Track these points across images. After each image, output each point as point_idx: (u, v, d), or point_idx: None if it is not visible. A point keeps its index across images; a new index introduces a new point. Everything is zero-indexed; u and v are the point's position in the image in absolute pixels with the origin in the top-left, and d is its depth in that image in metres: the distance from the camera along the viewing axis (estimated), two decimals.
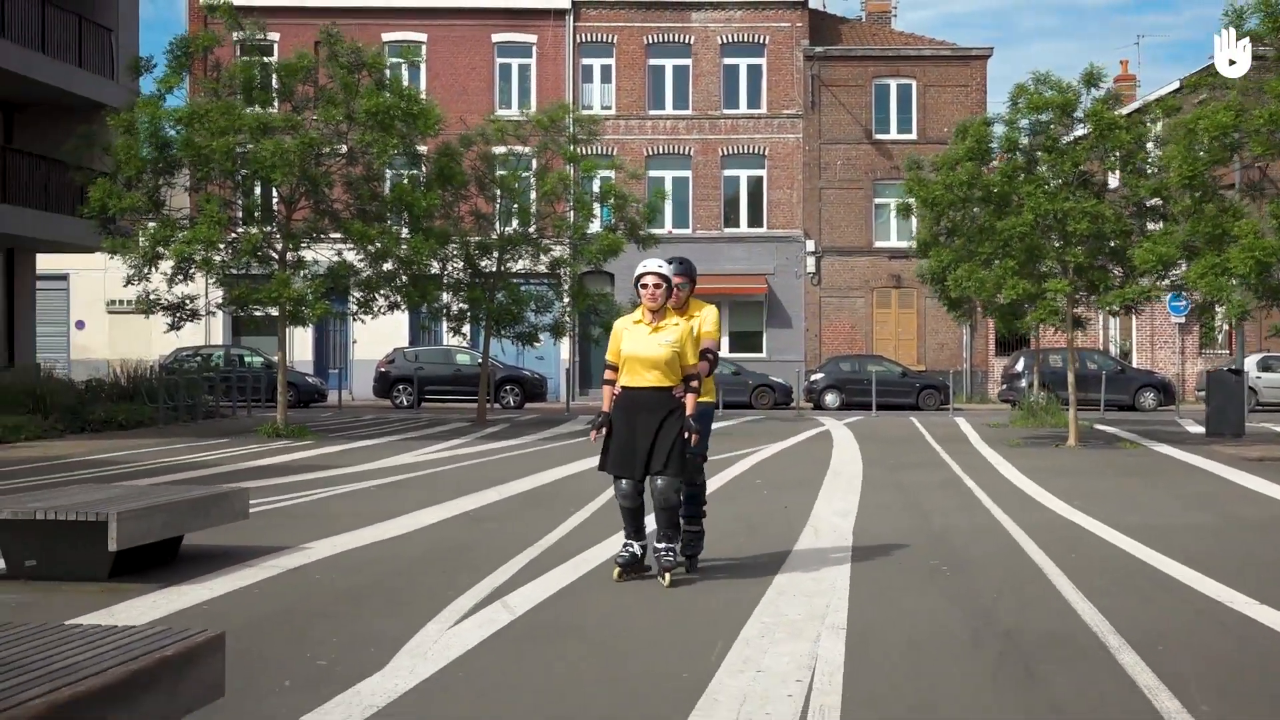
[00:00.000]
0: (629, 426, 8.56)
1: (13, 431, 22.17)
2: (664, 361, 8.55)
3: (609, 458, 8.66)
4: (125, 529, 8.28)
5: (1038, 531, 11.47)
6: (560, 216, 31.95)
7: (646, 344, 8.60)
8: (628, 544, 8.77)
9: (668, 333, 8.63)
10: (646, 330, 8.66)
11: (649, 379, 8.58)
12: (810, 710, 5.61)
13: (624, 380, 8.68)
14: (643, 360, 8.57)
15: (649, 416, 8.52)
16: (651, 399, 8.57)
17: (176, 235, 23.48)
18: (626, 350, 8.64)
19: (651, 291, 8.67)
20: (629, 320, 8.83)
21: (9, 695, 3.81)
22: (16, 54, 27.75)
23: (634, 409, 8.57)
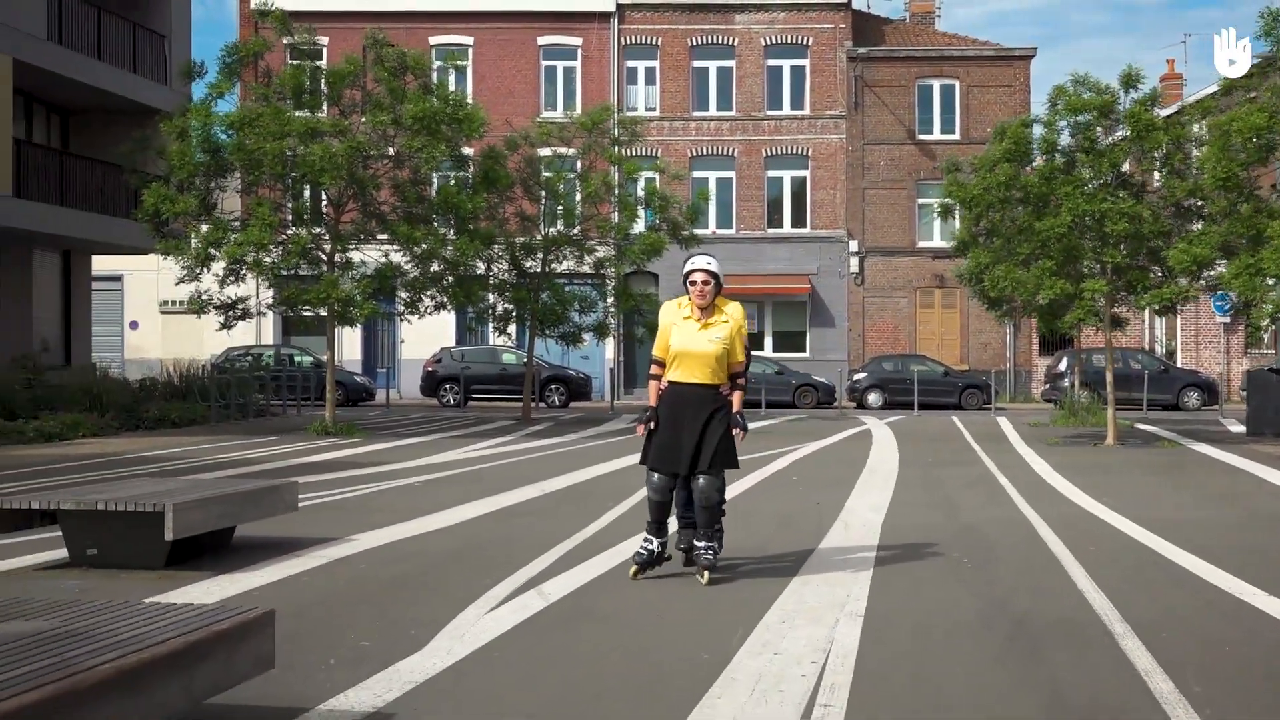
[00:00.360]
0: (674, 422, 8.57)
1: (71, 429, 22.79)
2: (715, 358, 8.58)
3: (651, 452, 8.67)
4: (181, 519, 8.73)
5: (1061, 526, 11.76)
6: (604, 217, 32.37)
7: (697, 340, 8.60)
8: (647, 539, 8.78)
9: (717, 329, 8.65)
10: (696, 326, 8.65)
11: (699, 375, 8.59)
12: (821, 688, 5.96)
13: (672, 375, 8.67)
14: (694, 356, 8.57)
15: (695, 413, 8.54)
16: (699, 396, 8.58)
17: (228, 237, 24.03)
18: (677, 346, 8.63)
19: (700, 288, 8.66)
20: (676, 315, 8.76)
21: (81, 660, 4.23)
22: (74, 60, 28.45)
23: (681, 405, 8.58)
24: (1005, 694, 5.93)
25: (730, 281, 38.66)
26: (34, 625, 4.80)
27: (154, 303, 46.80)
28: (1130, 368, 37.76)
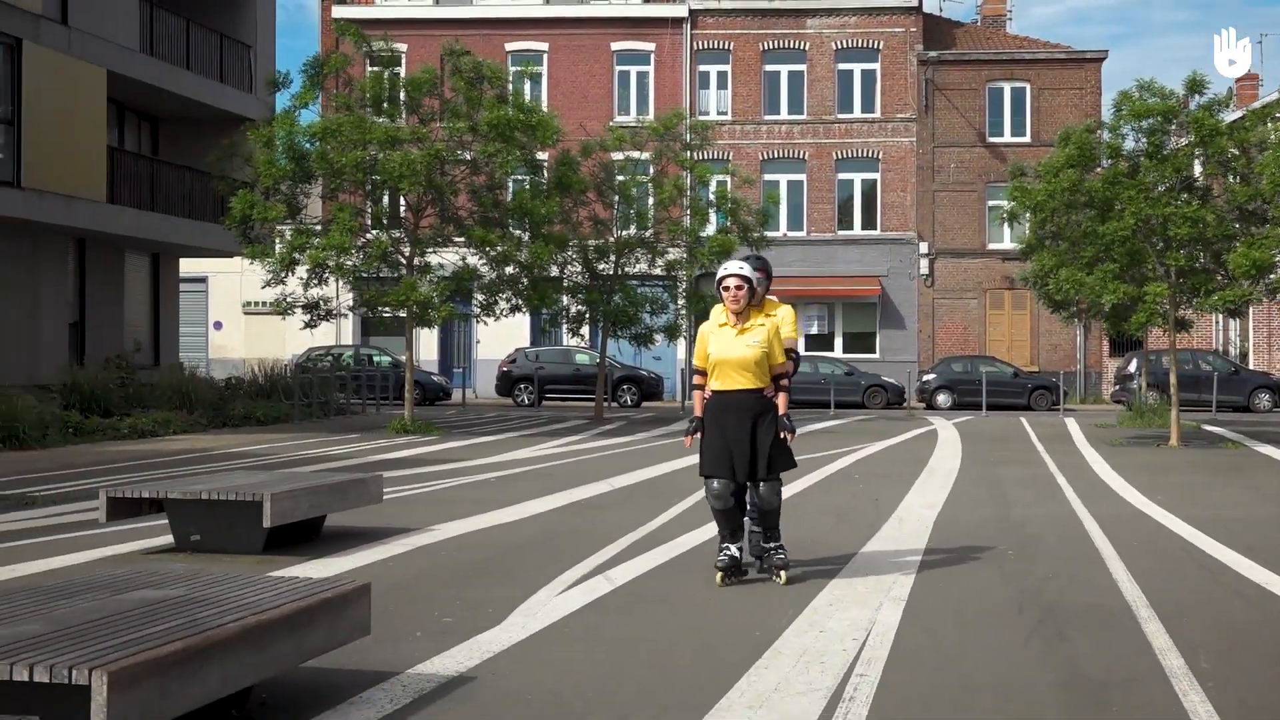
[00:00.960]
0: (721, 430, 8.59)
1: (163, 425, 23.77)
2: (754, 362, 8.57)
3: (705, 460, 8.70)
4: (278, 507, 9.48)
5: (1109, 522, 12.25)
6: (676, 220, 33.04)
7: (734, 346, 8.60)
8: (725, 547, 8.72)
9: (754, 333, 8.63)
10: (733, 333, 8.65)
11: (740, 381, 8.59)
12: (859, 661, 6.57)
13: (715, 384, 8.69)
14: (733, 363, 8.58)
15: (741, 419, 8.55)
16: (743, 402, 8.59)
17: (312, 242, 24.93)
18: (715, 354, 8.65)
19: (734, 293, 8.61)
20: (713, 323, 8.76)
21: (210, 620, 4.94)
22: (164, 71, 29.54)
23: (726, 412, 8.60)
24: (1026, 668, 6.51)
25: (801, 283, 39.53)
26: (163, 593, 5.52)
27: (237, 304, 48.02)
28: (1200, 369, 37.84)
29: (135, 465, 17.63)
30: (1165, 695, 5.98)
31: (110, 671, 4.20)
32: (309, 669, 6.01)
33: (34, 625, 4.84)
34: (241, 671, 4.99)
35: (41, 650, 4.45)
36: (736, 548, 8.74)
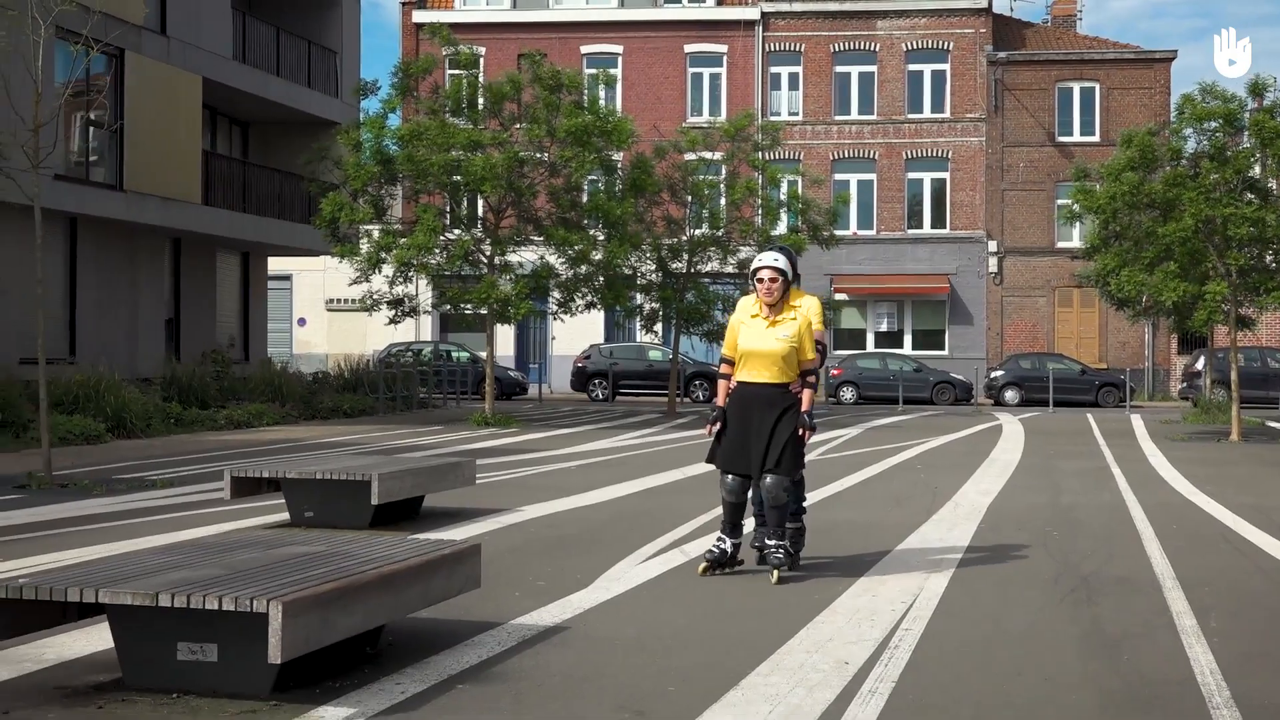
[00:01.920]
0: (743, 422, 8.54)
1: (256, 417, 24.98)
2: (782, 356, 8.50)
3: (720, 452, 8.69)
4: (384, 486, 10.49)
5: (1154, 508, 13.00)
6: (747, 220, 33.89)
7: (765, 338, 8.52)
8: (720, 539, 8.79)
9: (785, 327, 8.53)
10: (764, 324, 8.55)
11: (767, 374, 8.54)
12: (906, 618, 7.45)
13: (741, 375, 8.62)
14: (761, 355, 8.51)
15: (764, 413, 8.50)
16: (768, 395, 8.52)
17: (398, 242, 26.05)
18: (744, 345, 8.57)
19: (767, 285, 8.52)
20: (744, 314, 8.67)
21: (354, 568, 5.93)
22: (255, 77, 30.80)
23: (749, 404, 8.54)
24: (1054, 624, 7.36)
25: (870, 281, 40.36)
26: (310, 548, 6.52)
27: (320, 301, 49.41)
28: (1269, 367, 38.20)
29: (235, 454, 18.77)
30: (1173, 646, 6.81)
31: (284, 602, 5.19)
32: (426, 619, 6.97)
33: (209, 570, 5.85)
34: (379, 611, 5.97)
35: (221, 587, 5.45)
36: (732, 543, 8.74)
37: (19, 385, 20.87)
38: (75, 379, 21.75)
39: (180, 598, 5.30)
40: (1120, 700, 5.79)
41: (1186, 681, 6.09)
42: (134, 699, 5.51)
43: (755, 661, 6.39)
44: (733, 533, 8.76)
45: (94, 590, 5.40)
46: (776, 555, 8.67)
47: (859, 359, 41.92)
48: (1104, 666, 6.41)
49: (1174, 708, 5.66)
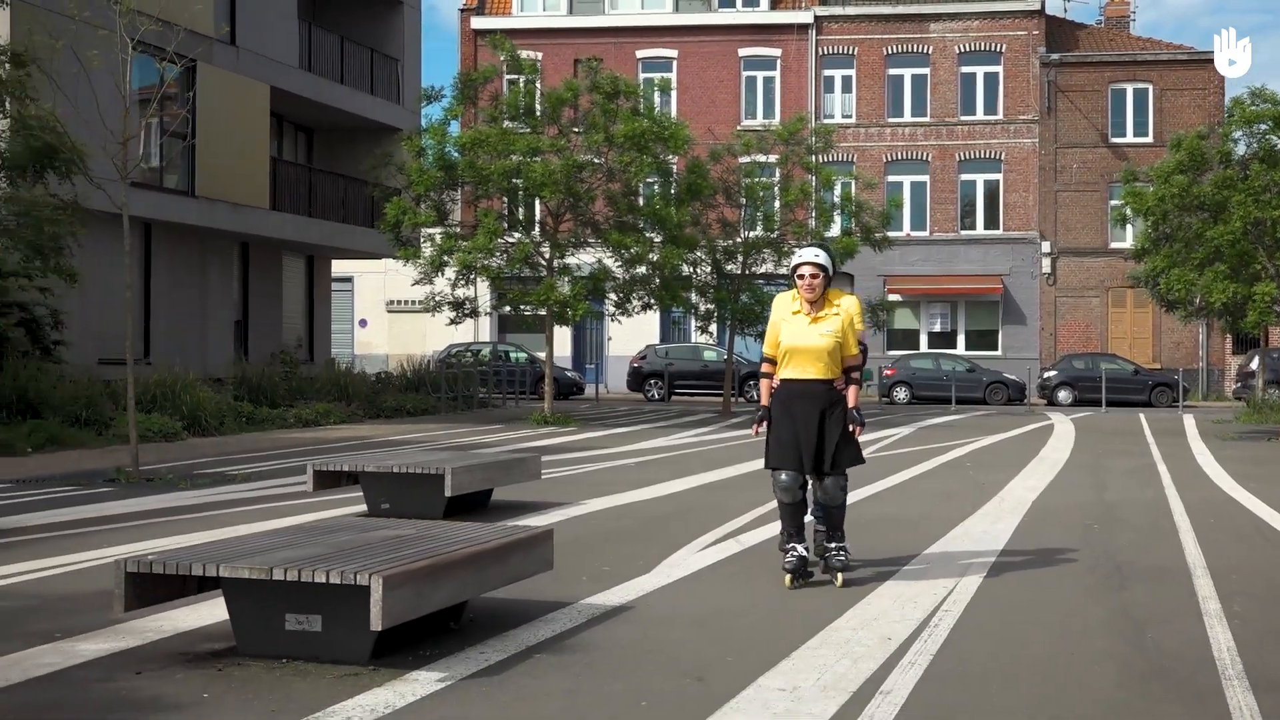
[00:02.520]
0: (790, 420, 8.37)
1: (324, 416, 25.77)
2: (827, 352, 8.33)
3: (772, 452, 8.49)
4: (457, 479, 11.14)
5: (1195, 504, 13.46)
6: (801, 222, 34.40)
7: (808, 335, 8.36)
8: (791, 547, 8.49)
9: (828, 323, 8.38)
10: (806, 321, 8.40)
11: (811, 371, 8.37)
12: (947, 602, 7.99)
13: (784, 372, 8.46)
14: (805, 352, 8.34)
15: (810, 410, 8.33)
16: (812, 392, 8.36)
17: (459, 245, 26.79)
18: (787, 342, 8.42)
19: (809, 281, 8.37)
20: (785, 310, 8.52)
21: (443, 548, 6.56)
22: (320, 85, 31.66)
23: (793, 403, 8.38)
24: (1085, 607, 7.90)
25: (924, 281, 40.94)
26: (398, 532, 7.16)
27: (381, 302, 50.35)
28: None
29: (307, 451, 19.52)
30: (1195, 628, 7.33)
31: (385, 576, 5.83)
32: (503, 599, 7.60)
33: (312, 550, 6.50)
34: (464, 587, 6.60)
35: (326, 563, 6.09)
36: (803, 547, 8.50)
37: (100, 385, 21.72)
38: (153, 379, 22.58)
39: (292, 572, 5.95)
40: (1139, 672, 6.33)
41: (1203, 657, 6.61)
42: (248, 663, 6.17)
43: (806, 636, 6.98)
44: (799, 536, 8.49)
45: (215, 565, 6.06)
46: (839, 558, 8.49)
47: (912, 359, 42.34)
48: (1127, 644, 6.94)
49: (1188, 679, 6.19)
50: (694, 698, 5.72)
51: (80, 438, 19.52)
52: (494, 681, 5.97)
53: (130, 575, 6.15)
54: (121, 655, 6.40)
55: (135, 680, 5.93)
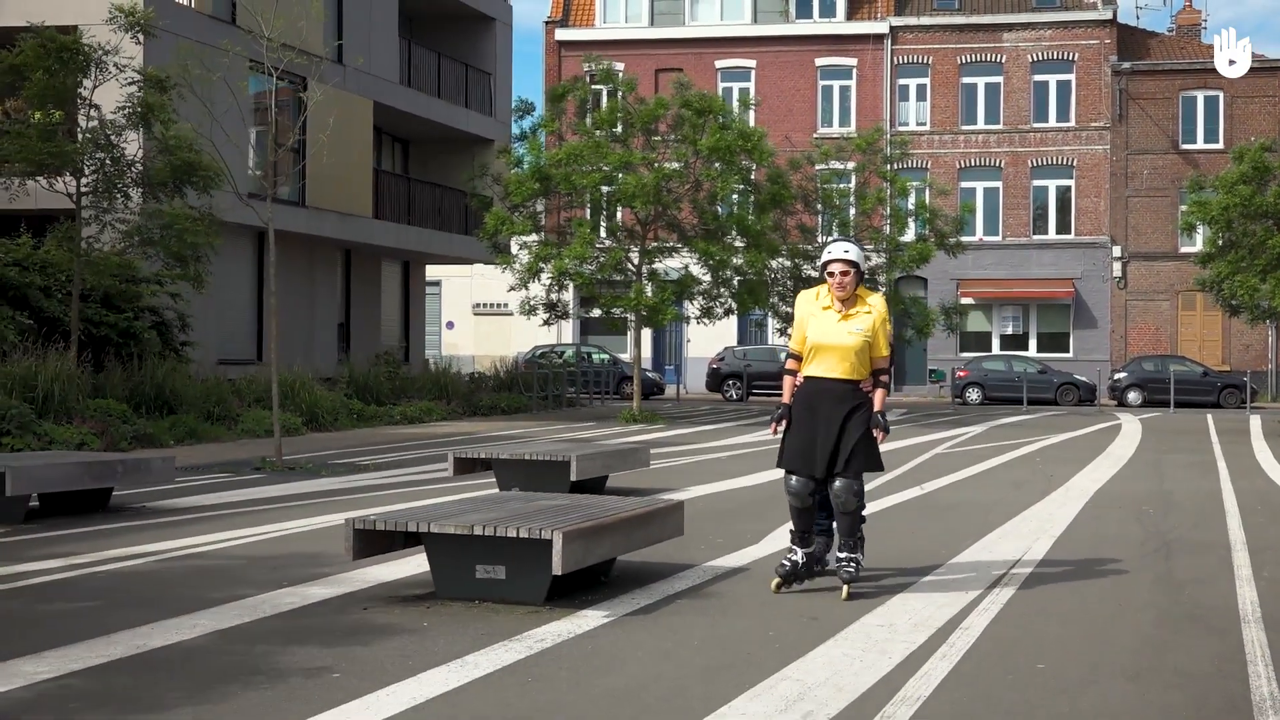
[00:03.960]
0: (811, 420, 8.05)
1: (426, 413, 27.43)
2: (855, 351, 8.02)
3: (786, 453, 8.17)
4: (580, 466, 12.63)
5: (1246, 493, 14.71)
6: (876, 228, 35.71)
7: (837, 332, 8.04)
8: (790, 550, 8.27)
9: (859, 320, 8.06)
10: (836, 318, 8.08)
11: (837, 370, 8.04)
12: (1013, 569, 9.36)
13: (809, 370, 8.13)
14: (833, 349, 8.03)
15: (833, 410, 8.00)
16: (837, 391, 8.04)
17: (555, 253, 28.37)
18: (814, 338, 8.08)
19: (840, 279, 8.06)
20: (814, 306, 8.19)
21: (599, 513, 8.04)
22: (419, 100, 33.36)
23: (816, 401, 8.05)
24: (1133, 572, 9.25)
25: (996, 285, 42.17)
26: (557, 502, 8.65)
27: (467, 305, 52.11)
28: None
29: (419, 444, 21.13)
30: (1227, 588, 8.66)
31: (564, 532, 7.31)
32: (639, 561, 9.05)
33: (493, 514, 7.99)
34: (615, 546, 8.08)
35: (512, 523, 7.57)
36: (803, 553, 8.22)
37: (227, 384, 23.46)
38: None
39: (488, 529, 7.45)
40: (1174, 616, 7.70)
41: (1229, 608, 7.95)
42: (448, 604, 7.66)
43: (903, 588, 8.43)
44: (803, 542, 8.21)
45: (426, 523, 7.58)
46: (847, 569, 8.10)
47: (985, 361, 43.47)
48: (1167, 598, 8.31)
49: (1214, 622, 7.53)
50: (811, 631, 7.15)
51: (214, 432, 21.23)
52: (648, 619, 7.43)
53: (358, 531, 7.68)
54: (345, 597, 7.93)
55: (365, 614, 7.45)
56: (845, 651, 6.64)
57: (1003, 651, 6.71)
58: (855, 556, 8.14)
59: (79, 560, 9.24)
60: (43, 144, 19.61)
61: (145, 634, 6.83)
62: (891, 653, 6.61)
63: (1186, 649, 6.85)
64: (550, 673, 6.15)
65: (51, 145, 19.69)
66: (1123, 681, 6.14)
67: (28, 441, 16.97)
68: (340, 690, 5.74)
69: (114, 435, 18.53)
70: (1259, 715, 5.57)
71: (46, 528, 10.77)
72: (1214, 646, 6.90)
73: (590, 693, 5.80)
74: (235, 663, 6.25)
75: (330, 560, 9.08)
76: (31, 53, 19.39)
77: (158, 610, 7.40)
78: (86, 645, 6.55)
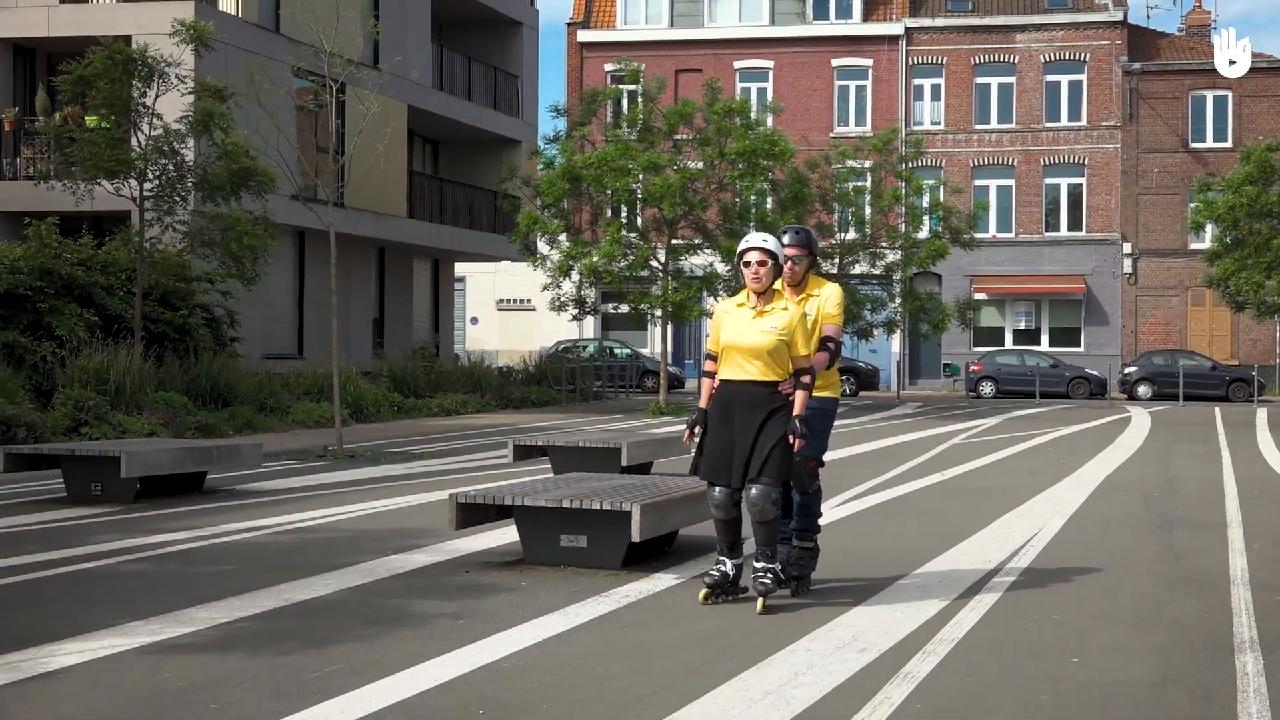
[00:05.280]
0: (726, 426, 7.53)
1: (462, 405, 28.59)
2: (767, 351, 7.43)
3: (702, 462, 7.69)
4: (631, 452, 13.75)
5: (1246, 479, 15.79)
6: (893, 226, 36.82)
7: (748, 331, 7.49)
8: (720, 561, 7.74)
9: (774, 317, 7.47)
10: (750, 314, 7.51)
11: (750, 371, 7.48)
12: (1030, 543, 10.46)
13: (722, 372, 7.59)
14: (743, 350, 7.47)
15: (748, 415, 7.47)
16: (752, 395, 7.49)
17: (585, 251, 29.52)
18: (725, 338, 7.54)
19: (755, 270, 7.48)
20: (732, 303, 7.69)
21: (666, 491, 9.17)
22: (450, 103, 34.50)
23: (731, 406, 7.53)
24: (1137, 544, 10.36)
25: (1009, 281, 43.35)
26: (625, 481, 9.77)
27: (491, 301, 53.29)
28: None
29: (464, 434, 22.27)
30: (1220, 558, 9.76)
31: (641, 504, 8.43)
32: (697, 535, 10.16)
33: (574, 491, 9.11)
34: (683, 517, 9.21)
35: (593, 498, 8.69)
36: (733, 564, 7.73)
37: (278, 377, 24.61)
38: (319, 372, 25.45)
39: (576, 502, 8.58)
40: (1171, 579, 8.81)
41: (1221, 573, 9.05)
42: (537, 569, 8.78)
43: (945, 548, 9.61)
44: (731, 553, 7.74)
45: (521, 498, 8.71)
46: (763, 580, 7.53)
47: (998, 355, 44.53)
48: (1166, 564, 9.42)
49: (1206, 584, 8.63)
50: (854, 590, 8.26)
51: (267, 423, 22.38)
52: None
53: (460, 504, 8.81)
54: (446, 563, 9.07)
55: (468, 575, 8.58)
56: (885, 603, 7.76)
57: (1023, 606, 7.82)
58: (773, 568, 7.58)
59: (202, 533, 10.39)
60: (110, 151, 20.76)
61: (287, 590, 7.97)
62: (926, 608, 7.72)
63: (1181, 604, 7.96)
64: (642, 620, 7.28)
65: (118, 152, 20.85)
66: (1125, 628, 7.24)
67: (104, 431, 18.16)
68: (471, 631, 6.88)
69: (179, 426, 19.71)
70: (1238, 653, 6.67)
71: (156, 506, 11.92)
72: (1205, 602, 8.01)
73: (681, 634, 6.93)
74: (374, 611, 7.39)
75: (422, 533, 10.22)
76: (99, 64, 20.53)
77: (288, 573, 8.54)
78: (240, 599, 7.69)
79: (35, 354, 20.12)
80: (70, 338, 20.42)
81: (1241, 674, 6.22)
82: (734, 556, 7.74)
